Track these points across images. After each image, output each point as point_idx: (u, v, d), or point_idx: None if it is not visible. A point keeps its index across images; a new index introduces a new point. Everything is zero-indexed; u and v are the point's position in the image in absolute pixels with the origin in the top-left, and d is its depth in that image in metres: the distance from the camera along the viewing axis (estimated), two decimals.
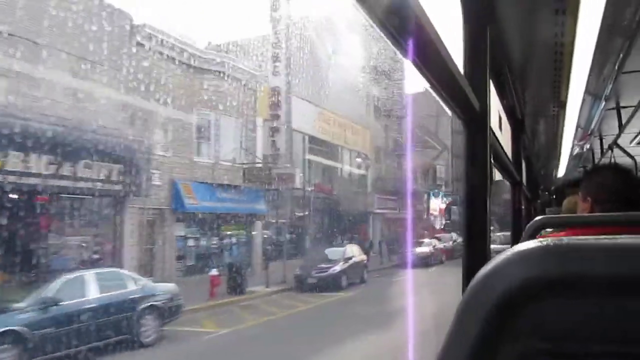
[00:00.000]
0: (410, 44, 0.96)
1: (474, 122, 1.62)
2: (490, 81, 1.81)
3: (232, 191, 24.14)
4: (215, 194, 23.17)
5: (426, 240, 34.02)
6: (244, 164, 25.12)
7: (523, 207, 4.78)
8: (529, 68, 3.05)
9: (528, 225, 2.10)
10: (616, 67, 2.91)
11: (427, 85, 1.20)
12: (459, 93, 1.32)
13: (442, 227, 48.43)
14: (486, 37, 1.71)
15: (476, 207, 1.69)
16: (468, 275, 1.63)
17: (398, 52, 1.00)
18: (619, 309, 0.49)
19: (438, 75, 1.15)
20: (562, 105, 3.71)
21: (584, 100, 3.57)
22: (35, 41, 15.60)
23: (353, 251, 24.53)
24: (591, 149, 6.64)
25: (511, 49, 2.55)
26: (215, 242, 24.07)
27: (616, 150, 5.50)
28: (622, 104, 4.21)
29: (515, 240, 3.99)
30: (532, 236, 1.91)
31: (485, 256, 1.67)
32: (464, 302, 0.52)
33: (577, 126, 4.59)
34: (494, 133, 2.01)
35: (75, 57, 16.87)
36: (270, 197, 25.53)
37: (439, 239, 35.89)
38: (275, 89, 26.73)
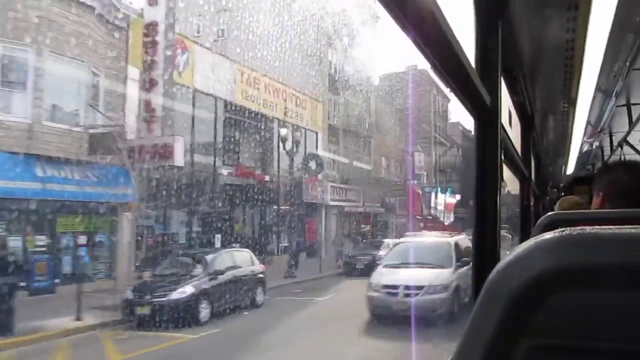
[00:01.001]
0: (424, 38, 0.96)
1: (485, 117, 1.62)
2: (501, 76, 1.81)
3: (72, 168, 16.03)
4: (32, 171, 14.92)
5: (386, 240, 26.54)
6: (90, 128, 16.81)
7: (532, 203, 4.76)
8: (540, 64, 3.03)
9: (537, 222, 2.09)
10: (627, 64, 2.89)
11: (433, 73, 1.20)
12: (471, 87, 1.32)
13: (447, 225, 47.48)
14: (498, 33, 1.71)
15: (486, 203, 1.69)
16: (478, 270, 1.63)
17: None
18: None
19: (450, 69, 1.15)
20: (573, 101, 3.69)
21: (594, 97, 3.55)
22: None
23: (234, 260, 15.65)
24: (600, 146, 6.60)
25: (522, 44, 2.54)
26: (43, 244, 15.65)
27: (626, 148, 5.47)
28: (632, 101, 4.18)
29: (523, 237, 3.98)
30: (542, 232, 1.89)
31: (495, 251, 1.67)
32: (485, 291, 0.52)
33: (587, 123, 4.57)
34: (504, 129, 2.01)
35: None
36: (145, 179, 18.19)
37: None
38: (151, 25, 17.98)
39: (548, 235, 0.51)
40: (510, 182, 4.46)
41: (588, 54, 2.62)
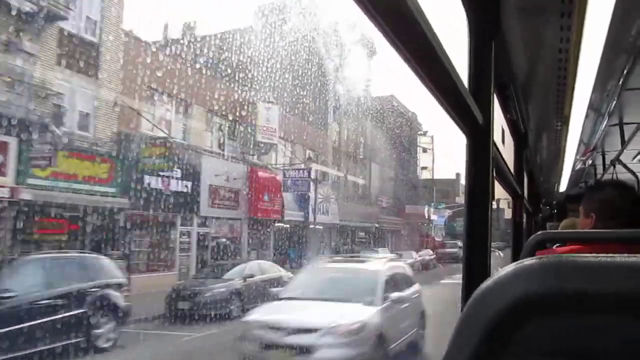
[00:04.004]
0: (415, 55, 0.96)
1: (477, 135, 1.62)
2: (494, 95, 1.81)
3: None
4: None
5: None
6: None
7: (524, 221, 4.77)
8: (533, 82, 3.05)
9: (528, 240, 2.09)
10: (620, 84, 2.91)
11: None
12: (463, 106, 1.32)
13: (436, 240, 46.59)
14: (491, 51, 1.72)
15: (477, 220, 1.68)
16: (468, 289, 1.63)
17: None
18: (620, 328, 0.48)
19: (442, 87, 1.15)
20: (565, 120, 3.71)
21: (587, 116, 3.57)
22: None
23: None
24: (593, 165, 6.64)
25: (516, 63, 2.56)
26: None
27: (618, 167, 5.50)
28: (625, 121, 4.21)
29: (515, 254, 3.98)
30: (532, 251, 1.91)
31: (486, 270, 1.66)
32: (464, 316, 0.52)
33: (580, 141, 4.59)
34: (496, 146, 2.01)
35: None
36: None
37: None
38: None
39: (528, 261, 0.51)
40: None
41: (581, 73, 2.63)
